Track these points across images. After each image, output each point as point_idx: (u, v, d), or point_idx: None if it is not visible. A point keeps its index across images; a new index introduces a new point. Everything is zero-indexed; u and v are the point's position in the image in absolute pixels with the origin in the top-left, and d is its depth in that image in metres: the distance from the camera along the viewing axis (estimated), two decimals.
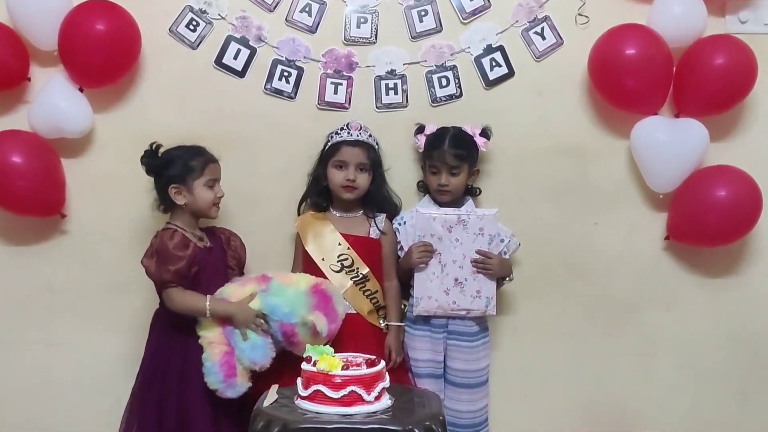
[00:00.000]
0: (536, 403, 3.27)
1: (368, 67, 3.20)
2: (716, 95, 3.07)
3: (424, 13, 3.18)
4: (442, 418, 2.49)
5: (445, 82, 3.20)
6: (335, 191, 3.05)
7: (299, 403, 2.47)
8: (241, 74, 3.19)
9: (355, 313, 2.97)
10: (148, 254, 2.79)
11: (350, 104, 3.20)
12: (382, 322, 3.03)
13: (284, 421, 2.37)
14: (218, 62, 3.19)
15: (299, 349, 2.68)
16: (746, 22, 3.21)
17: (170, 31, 3.18)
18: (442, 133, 3.05)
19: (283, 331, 2.74)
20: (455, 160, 2.99)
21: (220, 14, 3.18)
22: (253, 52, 3.18)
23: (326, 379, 2.41)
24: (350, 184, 3.01)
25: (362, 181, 3.03)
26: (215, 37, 3.18)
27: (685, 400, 3.27)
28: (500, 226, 3.01)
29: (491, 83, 3.21)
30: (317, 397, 2.42)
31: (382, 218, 3.09)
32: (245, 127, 3.20)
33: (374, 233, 3.07)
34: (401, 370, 3.00)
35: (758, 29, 3.21)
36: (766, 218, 3.12)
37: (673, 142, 3.07)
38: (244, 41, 3.18)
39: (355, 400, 2.41)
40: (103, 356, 3.21)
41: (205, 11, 3.18)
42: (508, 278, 3.08)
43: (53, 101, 3.07)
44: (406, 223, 3.08)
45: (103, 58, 3.04)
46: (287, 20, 3.18)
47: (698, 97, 3.08)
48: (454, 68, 3.20)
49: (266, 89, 3.19)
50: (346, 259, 3.00)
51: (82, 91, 3.12)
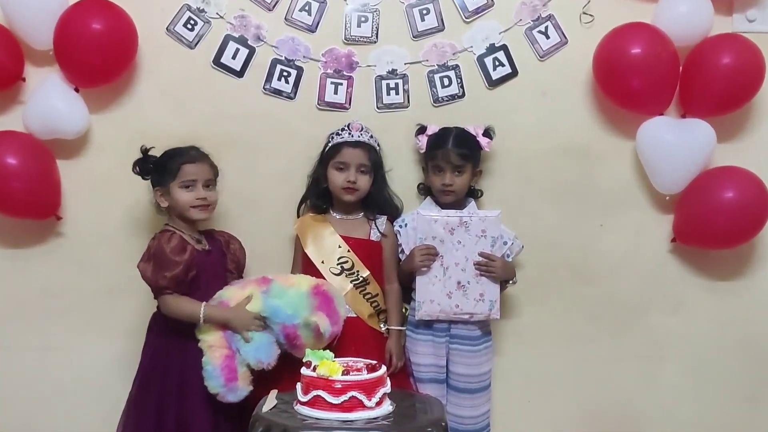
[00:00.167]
0: (540, 408, 3.26)
1: (369, 66, 3.19)
2: (723, 95, 3.06)
3: (425, 11, 3.17)
4: (444, 424, 2.48)
5: (447, 81, 3.18)
6: (335, 193, 3.04)
7: (299, 408, 2.45)
8: (239, 74, 3.18)
9: (355, 316, 2.96)
10: (144, 258, 2.78)
11: (350, 104, 3.19)
12: (382, 326, 3.02)
13: (284, 426, 2.35)
14: (216, 62, 3.17)
15: (301, 352, 2.65)
16: (754, 20, 3.20)
17: (168, 30, 3.17)
18: (445, 132, 3.04)
19: (285, 333, 2.72)
20: (460, 159, 2.98)
21: (218, 13, 3.17)
22: (251, 51, 3.17)
23: (326, 384, 2.39)
24: (351, 185, 2.99)
25: (363, 182, 3.01)
26: (213, 36, 3.17)
27: (691, 406, 3.26)
28: (503, 228, 3.00)
29: (494, 83, 3.20)
30: (317, 402, 2.40)
31: (382, 220, 3.08)
32: (244, 127, 3.19)
33: (375, 236, 3.05)
34: (403, 375, 2.99)
35: (766, 28, 3.20)
36: None
37: (679, 142, 3.06)
38: (242, 40, 3.17)
39: (355, 405, 2.39)
40: (100, 360, 3.20)
41: (203, 10, 3.17)
42: (511, 281, 3.06)
43: (48, 101, 3.06)
44: (407, 225, 3.07)
45: (99, 57, 3.03)
46: (286, 19, 3.17)
47: (705, 97, 3.08)
48: (456, 68, 3.19)
49: (265, 89, 3.18)
50: (346, 262, 2.98)
51: (77, 91, 3.10)
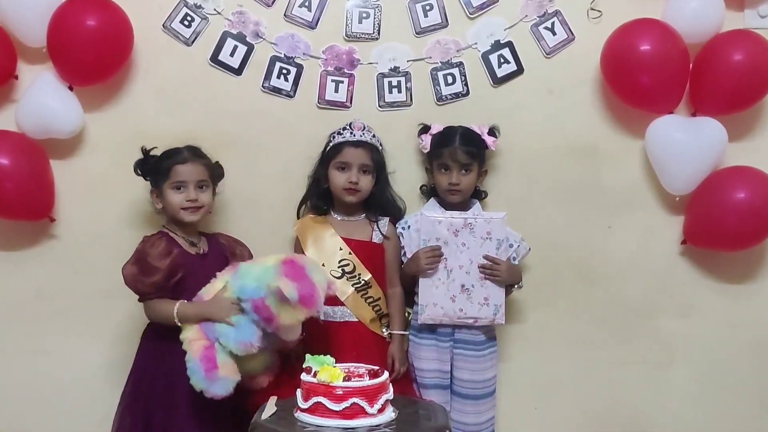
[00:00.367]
0: (546, 414, 3.24)
1: (370, 64, 3.17)
2: (735, 93, 3.04)
3: (428, 7, 3.16)
4: (448, 431, 2.47)
5: (451, 79, 3.16)
6: (337, 194, 3.02)
7: (299, 415, 2.43)
8: (237, 72, 3.16)
9: (356, 321, 2.94)
10: (129, 262, 2.77)
11: (352, 103, 3.17)
12: (385, 330, 2.99)
13: None
14: (214, 59, 3.16)
15: (280, 327, 2.60)
16: (766, 16, 3.18)
17: (164, 27, 3.16)
18: (450, 131, 3.03)
19: (255, 308, 2.62)
20: (467, 157, 2.97)
21: (216, 9, 3.16)
22: (250, 48, 3.16)
23: (327, 390, 2.37)
24: (353, 186, 2.97)
25: (365, 183, 2.99)
26: (211, 33, 3.16)
27: (702, 412, 3.24)
28: (509, 230, 2.98)
29: (499, 81, 3.18)
30: (318, 409, 2.38)
31: (385, 222, 3.06)
32: (242, 126, 3.18)
33: (377, 238, 3.03)
34: (405, 380, 2.97)
35: None
36: None
37: (689, 141, 3.04)
38: (241, 37, 3.16)
39: (357, 412, 2.37)
40: (94, 363, 3.18)
41: (200, 6, 3.17)
42: (517, 285, 3.04)
43: (42, 100, 3.04)
44: (410, 227, 3.05)
45: (94, 54, 3.01)
46: (286, 15, 3.16)
47: (716, 94, 3.06)
48: (460, 65, 3.17)
49: (264, 87, 3.16)
50: (347, 264, 2.96)
51: (72, 89, 3.09)
